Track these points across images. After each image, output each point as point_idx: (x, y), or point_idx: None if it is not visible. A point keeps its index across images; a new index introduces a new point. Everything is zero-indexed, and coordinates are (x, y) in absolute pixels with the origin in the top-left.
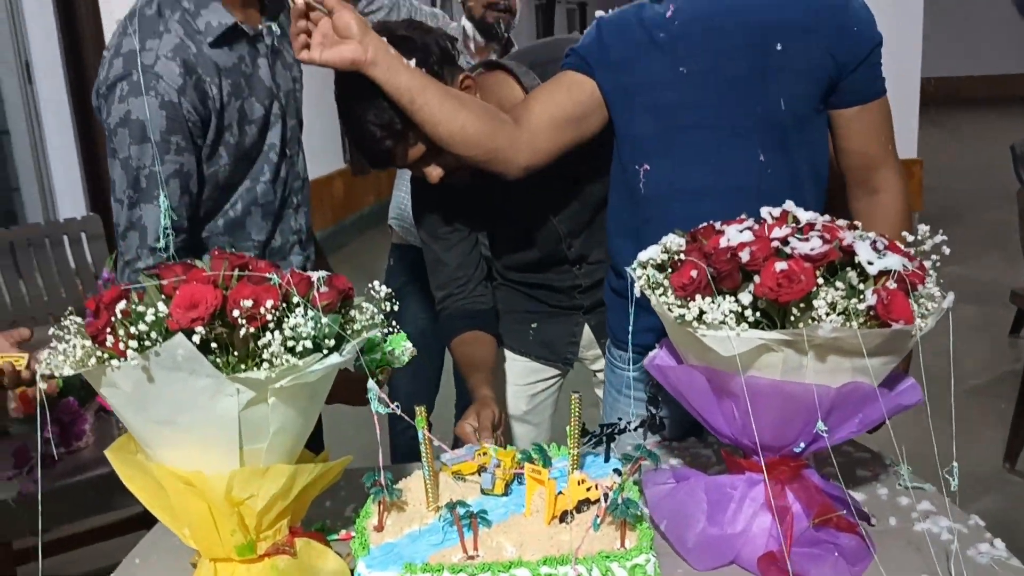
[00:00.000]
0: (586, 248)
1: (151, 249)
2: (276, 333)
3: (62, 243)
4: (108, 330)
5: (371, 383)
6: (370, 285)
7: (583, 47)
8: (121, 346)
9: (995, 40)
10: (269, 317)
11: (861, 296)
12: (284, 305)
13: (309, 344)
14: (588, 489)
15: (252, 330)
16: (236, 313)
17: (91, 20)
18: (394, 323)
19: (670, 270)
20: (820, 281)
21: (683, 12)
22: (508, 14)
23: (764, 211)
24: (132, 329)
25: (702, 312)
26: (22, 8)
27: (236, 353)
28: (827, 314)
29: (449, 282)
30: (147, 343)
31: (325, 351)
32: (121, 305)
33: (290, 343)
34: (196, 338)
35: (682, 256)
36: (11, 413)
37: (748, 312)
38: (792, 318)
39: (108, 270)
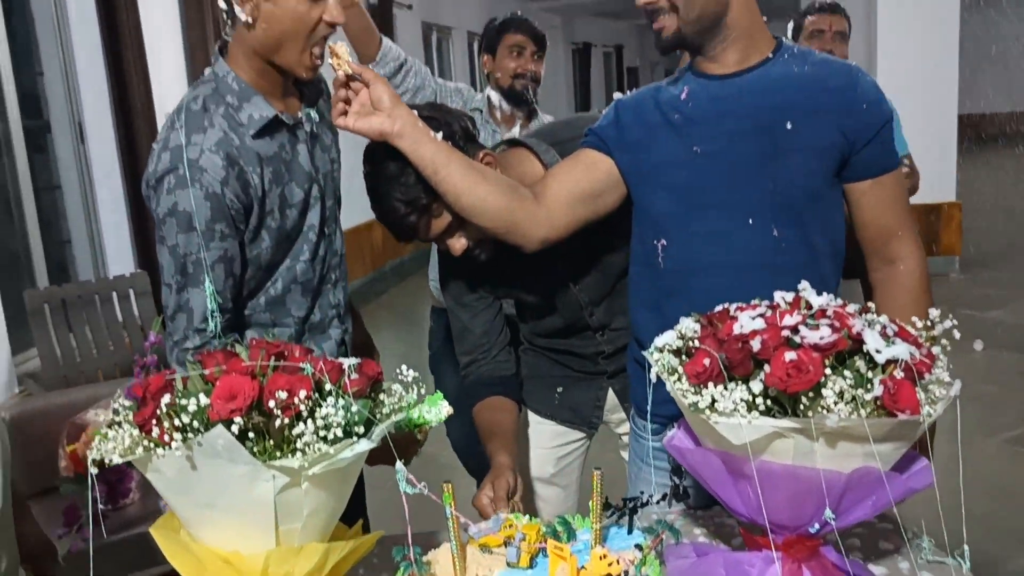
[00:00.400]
0: (608, 316)
1: (197, 330)
2: (309, 422)
3: (111, 299)
4: (154, 420)
5: (399, 464)
6: (398, 370)
7: (601, 127)
8: (166, 436)
9: None
10: (303, 408)
11: (869, 386)
12: (316, 393)
13: (340, 432)
14: (610, 564)
15: (286, 420)
16: (272, 404)
17: (141, 85)
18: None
19: (685, 357)
20: (828, 371)
21: (696, 95)
22: (534, 82)
23: (777, 295)
24: (176, 421)
25: (714, 400)
26: (76, 71)
27: (272, 440)
28: (835, 403)
29: (474, 349)
30: (190, 434)
31: (356, 437)
32: (166, 399)
33: (322, 432)
34: (235, 428)
35: (697, 342)
36: (61, 472)
37: (759, 399)
38: (802, 406)
39: (155, 332)
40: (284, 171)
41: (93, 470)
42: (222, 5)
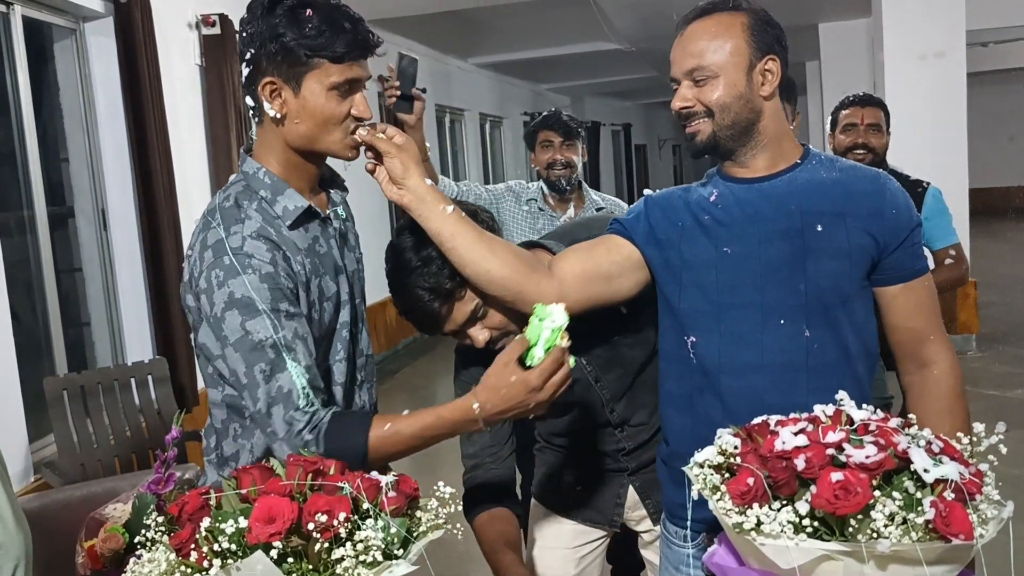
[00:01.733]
0: (628, 412)
1: (299, 410)
2: (348, 546)
3: (130, 386)
4: (192, 544)
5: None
6: (435, 487)
7: (629, 220)
8: (205, 562)
9: None
10: (342, 531)
11: (919, 507)
12: (355, 513)
13: (379, 556)
14: None
15: (325, 543)
16: (311, 526)
17: (165, 175)
18: None
19: (727, 474)
20: (876, 491)
21: (725, 197)
22: (567, 169)
23: (817, 409)
24: (215, 546)
25: (760, 521)
26: (102, 159)
27: (310, 563)
28: (885, 526)
29: (481, 451)
30: (229, 559)
31: (396, 554)
32: (205, 522)
33: (362, 557)
34: (273, 552)
35: (737, 458)
36: (79, 570)
37: (806, 520)
38: (850, 528)
39: (177, 428)
40: (319, 263)
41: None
42: (249, 103)
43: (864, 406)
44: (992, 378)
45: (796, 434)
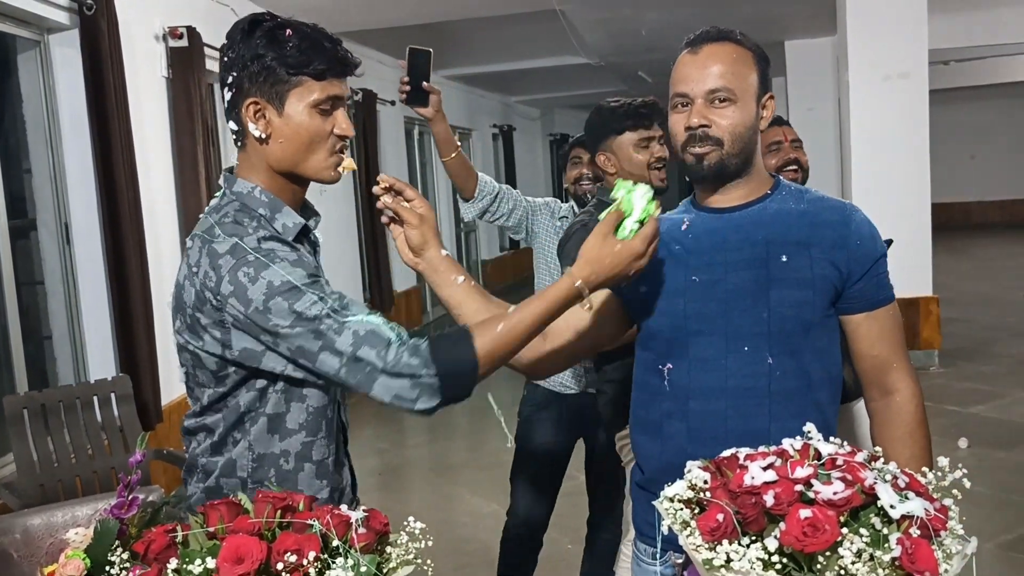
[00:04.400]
0: None
1: (387, 342)
2: None
3: (92, 404)
4: None
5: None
6: (405, 522)
7: None
8: None
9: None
10: (312, 571)
11: (886, 544)
12: (324, 550)
13: None
14: None
15: None
16: (280, 566)
17: (130, 187)
18: None
19: (697, 508)
20: (843, 529)
21: (696, 226)
22: (593, 181)
23: (786, 443)
24: None
25: (729, 558)
26: (65, 172)
27: None
28: (852, 563)
29: None
30: None
31: None
32: (172, 563)
33: None
34: None
35: (707, 494)
36: None
37: (775, 557)
38: (818, 565)
39: (140, 451)
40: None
41: None
42: (232, 127)
43: (832, 439)
44: (953, 394)
45: (765, 469)
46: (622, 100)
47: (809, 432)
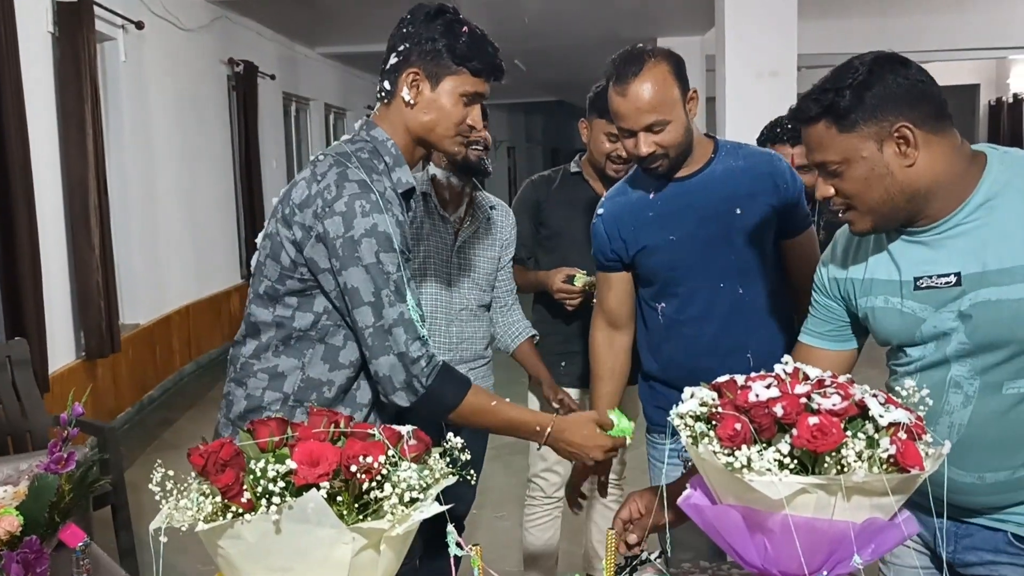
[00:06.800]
0: None
1: (419, 339)
2: (387, 487)
3: None
4: (240, 486)
5: (451, 527)
6: (446, 439)
7: (598, 250)
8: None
9: None
10: (384, 471)
11: (878, 446)
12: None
13: (417, 494)
14: None
15: (366, 485)
16: (354, 468)
17: (20, 148)
18: None
19: (714, 423)
20: (846, 432)
21: (663, 194)
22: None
23: (778, 367)
24: (267, 486)
25: (750, 460)
26: None
27: (356, 504)
28: (854, 461)
29: None
30: (276, 500)
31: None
32: (260, 463)
33: (404, 495)
34: (322, 492)
35: (718, 408)
36: None
37: (787, 459)
38: (824, 464)
39: (80, 405)
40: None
41: None
42: (386, 85)
43: (817, 370)
44: None
45: (768, 387)
46: None
47: (787, 362)
